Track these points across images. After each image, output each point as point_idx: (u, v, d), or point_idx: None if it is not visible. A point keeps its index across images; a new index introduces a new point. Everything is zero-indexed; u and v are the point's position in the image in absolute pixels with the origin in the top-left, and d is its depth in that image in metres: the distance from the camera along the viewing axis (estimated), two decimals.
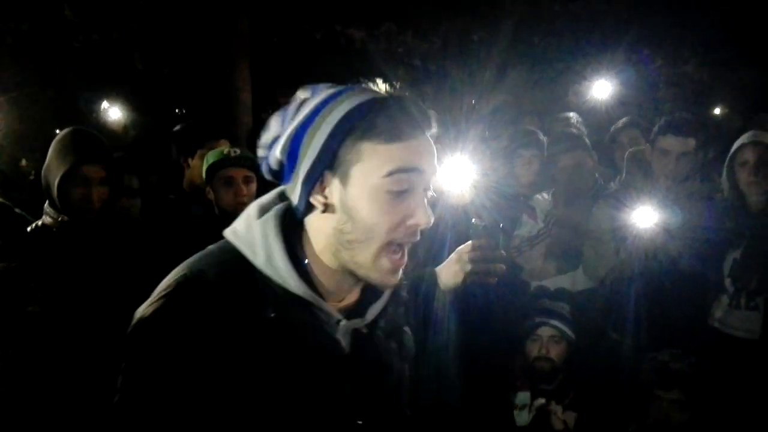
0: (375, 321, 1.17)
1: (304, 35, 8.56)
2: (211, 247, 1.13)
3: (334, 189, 1.05)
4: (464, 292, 1.82)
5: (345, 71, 10.15)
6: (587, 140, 3.31)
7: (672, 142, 2.80)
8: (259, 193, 2.75)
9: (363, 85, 1.15)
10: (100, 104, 4.95)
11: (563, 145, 3.21)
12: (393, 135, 1.03)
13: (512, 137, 3.63)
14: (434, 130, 1.10)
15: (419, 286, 1.74)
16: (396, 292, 1.21)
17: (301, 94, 1.11)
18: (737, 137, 2.86)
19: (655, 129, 2.89)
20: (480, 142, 3.65)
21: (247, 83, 6.37)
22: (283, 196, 1.14)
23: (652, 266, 2.59)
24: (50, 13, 6.00)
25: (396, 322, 1.24)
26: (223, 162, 2.67)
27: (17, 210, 2.70)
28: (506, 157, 3.49)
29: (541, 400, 2.67)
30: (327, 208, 1.06)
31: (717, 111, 9.10)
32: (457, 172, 2.36)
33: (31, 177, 3.57)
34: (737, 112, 7.95)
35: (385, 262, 1.06)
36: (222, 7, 6.49)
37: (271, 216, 1.08)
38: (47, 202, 2.34)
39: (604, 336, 2.86)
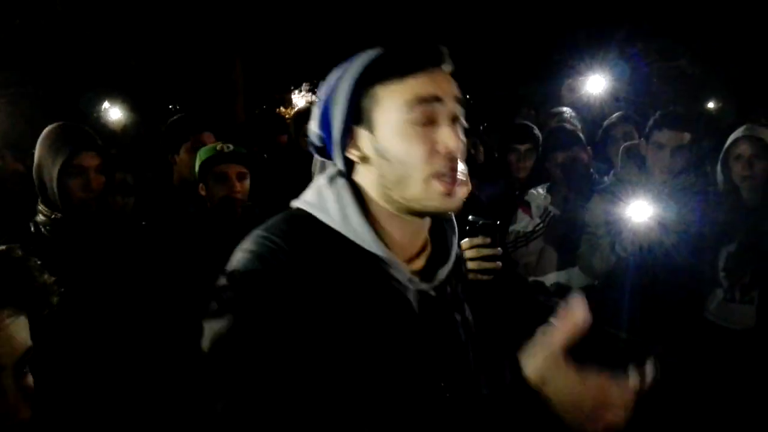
0: (442, 287, 1.18)
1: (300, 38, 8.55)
2: (276, 217, 1.15)
3: (364, 139, 1.11)
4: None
5: (338, 66, 10.16)
6: (582, 135, 3.32)
7: (667, 136, 2.81)
8: (253, 187, 2.75)
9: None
10: (101, 105, 4.94)
11: (558, 140, 3.21)
12: (404, 71, 1.07)
13: (507, 132, 3.64)
14: (448, 65, 1.12)
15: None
16: (458, 264, 1.25)
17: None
18: (731, 131, 2.87)
19: (650, 123, 2.90)
20: (475, 138, 3.65)
21: (240, 77, 6.36)
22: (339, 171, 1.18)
23: (647, 260, 2.60)
24: (41, 9, 5.97)
25: (459, 294, 1.25)
26: (215, 158, 2.64)
27: None
28: (502, 154, 3.50)
29: None
30: (364, 159, 1.12)
31: (711, 105, 9.14)
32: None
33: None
34: (731, 106, 7.99)
35: (436, 187, 1.08)
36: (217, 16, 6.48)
37: (341, 181, 1.14)
38: (39, 199, 2.33)
39: (599, 331, 2.86)
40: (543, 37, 7.71)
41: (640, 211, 2.51)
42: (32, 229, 2.30)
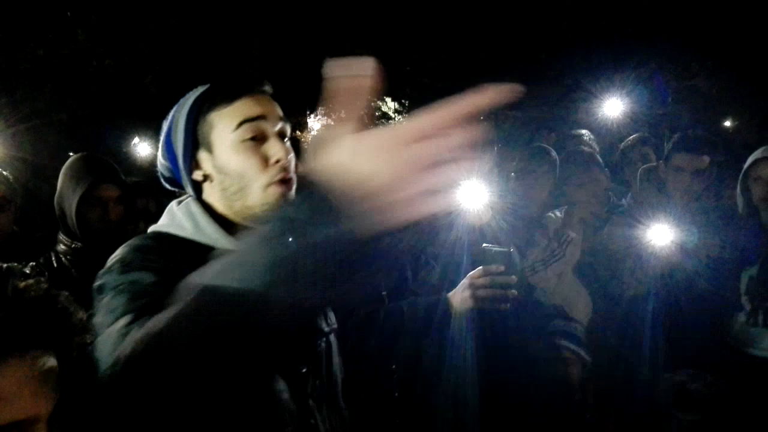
0: None
1: (311, 55, 8.64)
2: (134, 238, 1.30)
3: (205, 160, 1.28)
4: (480, 316, 1.83)
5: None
6: (600, 158, 3.30)
7: (686, 160, 2.79)
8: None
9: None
10: (130, 141, 5.01)
11: (576, 162, 3.20)
12: (230, 97, 1.26)
13: (525, 155, 3.63)
14: (267, 87, 1.32)
15: (434, 311, 1.74)
16: None
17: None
18: (749, 150, 2.84)
19: (669, 146, 2.88)
20: (495, 162, 3.65)
21: None
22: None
23: (669, 285, 2.57)
24: (64, 38, 6.10)
25: None
26: None
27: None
28: (520, 177, 3.49)
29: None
30: (207, 177, 1.29)
31: (727, 123, 9.07)
32: (473, 192, 2.36)
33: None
34: (748, 125, 7.91)
35: (273, 191, 1.24)
36: (234, 33, 6.57)
37: (188, 200, 1.33)
38: (60, 229, 2.36)
39: (620, 356, 2.83)
40: (559, 60, 7.73)
41: (660, 235, 2.49)
42: (53, 258, 2.33)
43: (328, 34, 8.40)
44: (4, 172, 2.69)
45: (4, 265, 0.75)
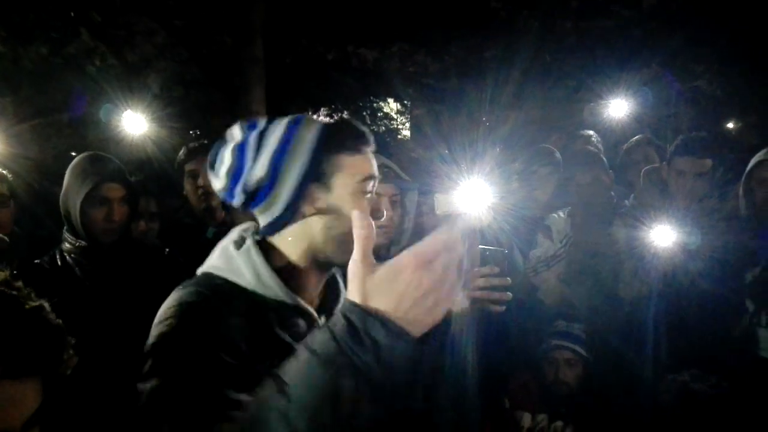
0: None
1: (317, 56, 8.65)
2: (190, 280, 1.30)
3: (321, 195, 1.29)
4: (480, 316, 1.83)
5: (357, 91, 10.23)
6: (604, 159, 3.30)
7: (688, 163, 2.79)
8: None
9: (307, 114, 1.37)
10: (120, 115, 4.95)
11: (580, 161, 3.20)
12: (356, 148, 1.30)
13: (529, 156, 3.63)
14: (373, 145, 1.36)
15: None
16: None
17: (239, 131, 1.33)
18: (752, 152, 2.84)
19: (671, 149, 2.88)
20: (496, 163, 3.65)
21: (262, 106, 6.44)
22: (246, 231, 1.36)
23: (671, 286, 2.56)
24: (67, 37, 6.12)
25: None
26: None
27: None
28: (523, 178, 3.48)
29: (559, 423, 2.64)
30: (318, 212, 1.29)
31: (731, 125, 9.06)
32: (474, 194, 2.36)
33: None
34: (752, 126, 7.90)
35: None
36: (237, 31, 6.58)
37: (250, 244, 1.30)
38: (65, 227, 2.37)
39: (622, 358, 2.83)
40: (562, 62, 7.72)
41: (663, 237, 2.49)
42: (58, 256, 2.34)
43: (332, 35, 8.41)
44: (4, 171, 2.70)
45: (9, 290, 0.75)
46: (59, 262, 2.31)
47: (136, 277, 2.37)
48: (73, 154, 2.58)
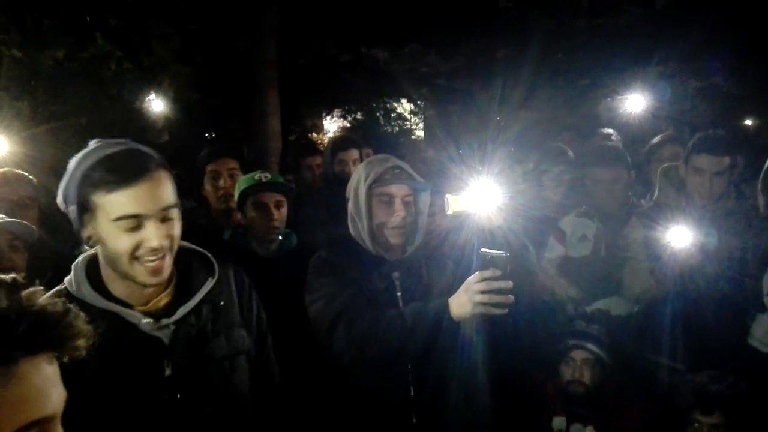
0: (186, 319, 1.50)
1: (330, 58, 8.67)
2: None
3: (90, 226, 1.41)
4: (490, 318, 1.84)
5: (370, 92, 10.24)
6: (628, 156, 3.23)
7: (706, 161, 2.75)
8: (290, 216, 2.80)
9: (120, 140, 1.44)
10: (145, 96, 4.97)
11: (600, 158, 3.14)
12: (112, 187, 1.35)
13: (541, 155, 3.60)
14: (154, 169, 1.39)
15: (435, 317, 1.84)
16: (210, 298, 1.55)
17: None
18: None
19: (689, 146, 2.84)
20: (507, 163, 3.63)
21: (276, 108, 6.46)
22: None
23: (688, 286, 2.53)
24: (83, 42, 6.17)
25: (221, 321, 1.57)
26: (254, 187, 2.71)
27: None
28: (534, 178, 3.46)
29: (578, 425, 2.62)
30: (90, 239, 1.43)
31: (748, 122, 8.95)
32: (484, 194, 2.35)
33: None
34: None
35: (138, 269, 1.41)
36: (250, 34, 6.61)
37: (80, 259, 1.49)
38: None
39: (640, 358, 2.80)
40: (575, 60, 7.68)
41: (680, 237, 2.46)
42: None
43: (345, 37, 8.43)
44: (29, 175, 2.73)
45: (8, 277, 0.79)
46: None
47: None
48: None
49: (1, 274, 0.79)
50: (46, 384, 0.78)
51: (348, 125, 11.27)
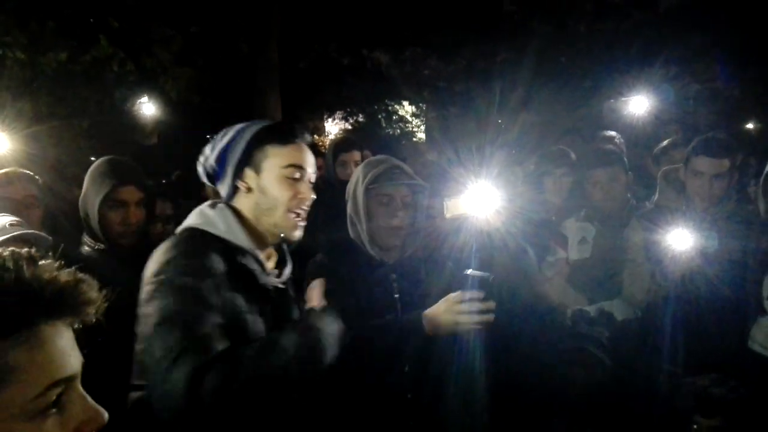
0: (287, 285, 1.76)
1: (332, 61, 8.68)
2: (172, 238, 1.62)
3: (251, 177, 1.67)
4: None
5: (372, 95, 10.26)
6: (625, 159, 3.24)
7: (705, 164, 2.75)
8: None
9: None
10: (136, 99, 4.99)
11: (599, 158, 3.14)
12: (284, 141, 1.67)
13: (542, 157, 3.60)
14: (308, 138, 1.74)
15: (405, 334, 1.93)
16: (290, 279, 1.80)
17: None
18: None
19: (689, 149, 2.84)
20: (507, 166, 3.63)
21: (277, 111, 6.48)
22: (214, 202, 1.71)
23: (689, 289, 2.53)
24: (86, 44, 6.20)
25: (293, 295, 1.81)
26: None
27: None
28: (534, 181, 3.45)
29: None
30: (248, 190, 1.67)
31: (750, 125, 8.95)
32: (483, 197, 2.35)
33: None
34: None
35: (290, 218, 1.67)
36: (252, 37, 6.63)
37: (222, 206, 1.68)
38: (84, 231, 2.40)
39: (641, 361, 2.79)
40: (577, 64, 7.69)
41: (680, 240, 2.45)
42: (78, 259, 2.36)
43: (347, 40, 8.44)
44: (35, 175, 2.74)
45: (26, 251, 0.86)
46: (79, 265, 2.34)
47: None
48: (93, 159, 2.61)
49: (18, 249, 0.86)
50: (67, 347, 0.85)
51: (349, 127, 11.29)
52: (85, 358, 0.89)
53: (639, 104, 5.22)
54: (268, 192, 1.65)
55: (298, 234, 1.70)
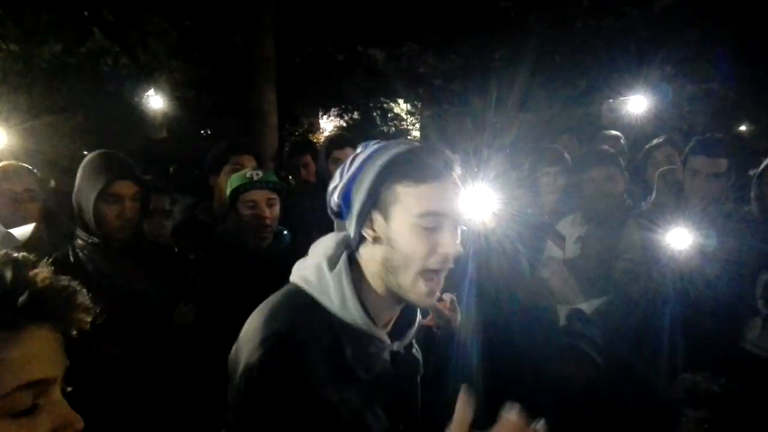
0: (408, 345, 1.43)
1: (327, 56, 8.66)
2: (283, 292, 1.37)
3: (379, 224, 1.29)
4: (485, 322, 1.84)
5: (367, 91, 10.25)
6: (621, 159, 3.26)
7: (703, 163, 2.77)
8: (283, 215, 2.79)
9: (406, 138, 1.25)
10: (144, 92, 4.99)
11: (595, 157, 3.17)
12: (420, 178, 1.25)
13: (536, 157, 3.61)
14: (458, 171, 1.31)
15: None
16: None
17: (357, 150, 1.36)
18: (766, 155, 2.82)
19: (687, 149, 2.87)
20: (502, 168, 3.64)
21: (273, 106, 6.46)
22: (341, 245, 1.37)
23: (687, 288, 2.54)
24: (80, 37, 6.16)
25: (417, 351, 1.50)
26: (245, 185, 2.69)
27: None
28: (530, 183, 3.46)
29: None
30: (375, 240, 1.30)
31: (743, 128, 9.01)
32: (479, 199, 2.35)
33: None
34: (765, 129, 7.85)
35: (422, 285, 1.28)
36: (248, 31, 6.60)
37: (342, 268, 1.31)
38: (78, 225, 2.38)
39: (636, 360, 2.81)
40: (573, 62, 7.70)
41: (679, 239, 2.46)
42: (71, 253, 2.35)
43: (342, 36, 8.42)
44: (33, 168, 2.73)
45: (19, 255, 0.88)
46: (72, 259, 2.33)
47: (148, 274, 2.38)
48: (86, 153, 2.60)
49: (13, 252, 0.87)
50: (47, 350, 0.85)
51: (344, 125, 11.28)
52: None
53: (638, 104, 5.24)
54: (398, 245, 1.27)
55: (428, 303, 1.34)
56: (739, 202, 2.93)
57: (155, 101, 4.72)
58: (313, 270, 1.34)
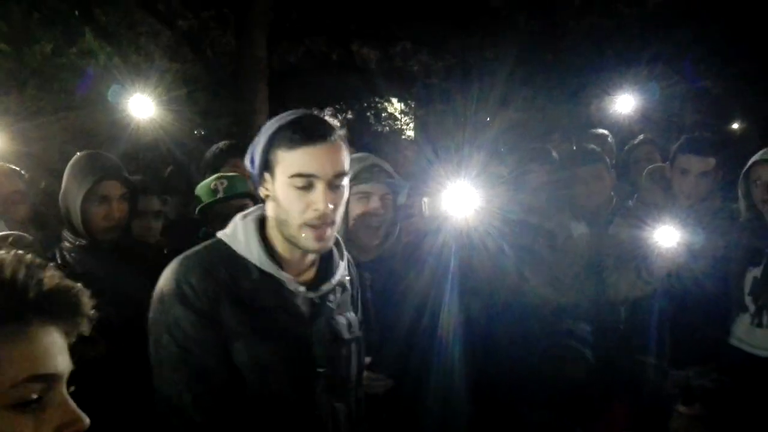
0: (326, 296, 1.56)
1: (321, 56, 8.66)
2: (205, 243, 1.54)
3: (269, 184, 1.49)
4: (468, 320, 1.85)
5: (360, 90, 10.24)
6: (607, 158, 3.27)
7: (692, 161, 2.78)
8: None
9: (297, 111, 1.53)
10: (129, 97, 4.96)
11: (582, 156, 3.18)
12: (295, 143, 1.43)
13: (524, 154, 3.60)
14: (334, 137, 1.47)
15: None
16: (344, 282, 1.64)
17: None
18: (753, 154, 2.83)
19: (675, 147, 2.87)
20: (488, 165, 3.64)
21: (265, 106, 6.45)
22: (260, 207, 1.57)
23: (675, 285, 2.56)
24: (72, 37, 6.14)
25: (345, 304, 1.65)
26: (210, 204, 2.70)
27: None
28: (513, 180, 3.46)
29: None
30: (267, 197, 1.51)
31: (735, 126, 9.03)
32: (461, 197, 2.35)
33: None
34: (756, 127, 7.88)
35: (307, 234, 1.46)
36: (240, 31, 6.60)
37: (250, 217, 1.54)
38: (65, 226, 2.37)
39: (626, 357, 2.82)
40: (564, 62, 7.71)
41: (667, 236, 2.47)
42: (58, 255, 2.34)
43: (335, 35, 8.42)
44: (21, 170, 2.71)
45: (28, 254, 0.90)
46: (59, 261, 2.32)
47: (136, 275, 2.37)
48: (78, 153, 2.59)
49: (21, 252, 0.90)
50: (53, 347, 0.88)
51: (338, 124, 11.26)
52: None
53: (625, 103, 5.25)
54: (280, 202, 1.46)
55: (317, 247, 1.48)
56: (728, 199, 2.94)
57: (145, 103, 4.69)
58: (231, 225, 1.55)
